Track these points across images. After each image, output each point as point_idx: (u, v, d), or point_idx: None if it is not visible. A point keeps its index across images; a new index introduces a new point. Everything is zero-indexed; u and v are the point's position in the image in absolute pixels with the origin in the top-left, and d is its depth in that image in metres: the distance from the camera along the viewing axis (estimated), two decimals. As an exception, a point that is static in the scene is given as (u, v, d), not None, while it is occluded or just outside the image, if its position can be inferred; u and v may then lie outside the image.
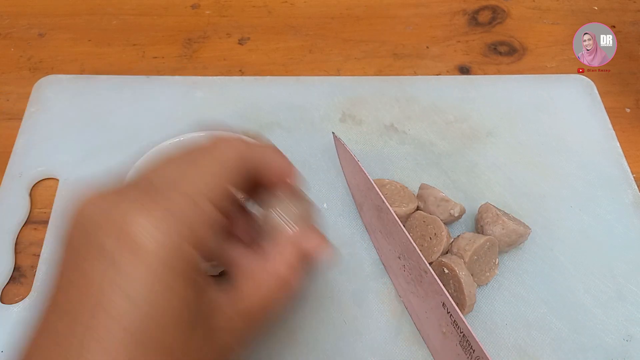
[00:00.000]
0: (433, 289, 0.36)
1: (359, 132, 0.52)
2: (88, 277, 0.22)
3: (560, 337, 0.41)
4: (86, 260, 0.23)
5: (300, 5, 0.65)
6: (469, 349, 0.33)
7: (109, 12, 0.63)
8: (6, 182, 0.48)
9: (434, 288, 0.36)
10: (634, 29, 0.63)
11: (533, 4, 0.66)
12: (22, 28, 0.62)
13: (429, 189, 0.44)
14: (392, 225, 0.39)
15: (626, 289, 0.43)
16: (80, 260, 0.23)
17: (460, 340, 0.34)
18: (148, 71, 0.58)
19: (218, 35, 0.62)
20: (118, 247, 0.22)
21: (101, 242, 0.22)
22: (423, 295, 0.38)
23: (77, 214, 0.24)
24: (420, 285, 0.37)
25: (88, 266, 0.22)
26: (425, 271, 0.36)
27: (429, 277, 0.36)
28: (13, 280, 0.44)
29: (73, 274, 0.23)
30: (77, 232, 0.24)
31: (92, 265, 0.22)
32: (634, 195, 0.48)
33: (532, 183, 0.49)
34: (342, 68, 0.59)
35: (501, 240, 0.42)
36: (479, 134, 0.53)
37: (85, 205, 0.24)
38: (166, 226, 0.23)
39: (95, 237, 0.23)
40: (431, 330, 0.38)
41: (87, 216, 0.24)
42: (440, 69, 0.59)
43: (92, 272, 0.22)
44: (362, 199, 0.45)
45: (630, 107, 0.56)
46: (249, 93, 0.55)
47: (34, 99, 0.54)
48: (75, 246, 0.24)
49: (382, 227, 0.41)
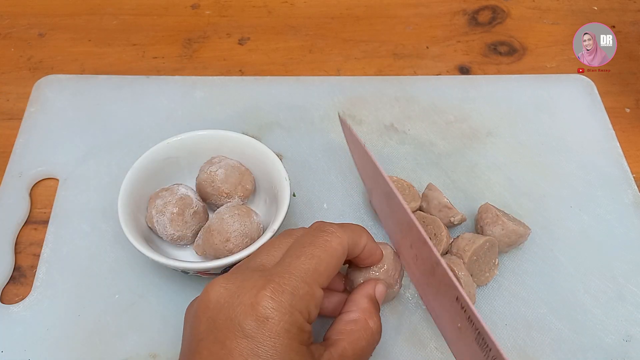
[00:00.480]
0: (445, 282, 0.35)
1: (359, 132, 0.52)
2: (229, 349, 0.28)
3: (560, 338, 0.41)
4: (227, 338, 0.28)
5: (300, 5, 0.65)
6: (485, 347, 0.33)
7: (109, 12, 0.63)
8: (6, 182, 0.48)
9: (446, 281, 0.35)
10: (634, 29, 0.63)
11: (533, 4, 0.66)
12: (22, 28, 0.62)
13: (435, 191, 0.44)
14: (402, 214, 0.38)
15: (626, 289, 0.43)
16: (222, 337, 0.29)
17: (476, 337, 0.34)
18: (148, 71, 0.58)
19: (218, 35, 0.62)
20: (256, 327, 0.28)
21: (240, 322, 0.29)
22: (437, 286, 0.37)
23: (209, 297, 0.30)
24: (433, 277, 0.37)
25: (230, 343, 0.28)
26: (437, 263, 0.35)
27: (441, 270, 0.35)
28: (13, 280, 0.44)
29: (214, 346, 0.29)
30: (212, 313, 0.30)
31: (234, 342, 0.28)
32: (634, 195, 0.48)
33: (532, 183, 0.49)
34: (342, 68, 0.59)
35: (501, 240, 0.42)
36: (479, 134, 0.53)
37: (216, 289, 0.31)
38: (289, 307, 0.29)
39: (234, 318, 0.29)
40: (447, 323, 0.37)
41: (221, 299, 0.30)
42: (440, 69, 0.59)
43: (234, 346, 0.28)
44: (372, 184, 0.44)
45: (630, 107, 0.56)
46: (249, 93, 0.55)
47: (33, 99, 0.54)
48: (212, 325, 0.29)
49: (392, 214, 0.41)
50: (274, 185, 0.43)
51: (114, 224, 0.45)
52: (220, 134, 0.45)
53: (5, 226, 0.46)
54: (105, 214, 0.46)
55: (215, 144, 0.45)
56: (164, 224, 0.41)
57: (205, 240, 0.41)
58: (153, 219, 0.41)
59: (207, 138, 0.45)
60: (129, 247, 0.44)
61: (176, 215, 0.41)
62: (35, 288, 0.42)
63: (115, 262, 0.44)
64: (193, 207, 0.42)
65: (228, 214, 0.40)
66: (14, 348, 0.40)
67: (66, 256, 0.44)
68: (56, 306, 0.42)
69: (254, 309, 0.29)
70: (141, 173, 0.43)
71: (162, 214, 0.41)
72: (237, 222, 0.40)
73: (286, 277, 0.30)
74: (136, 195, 0.42)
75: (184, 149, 0.45)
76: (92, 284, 0.43)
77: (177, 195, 0.42)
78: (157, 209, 0.41)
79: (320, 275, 0.31)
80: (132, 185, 0.42)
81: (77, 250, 0.44)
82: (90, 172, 0.49)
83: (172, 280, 0.43)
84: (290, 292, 0.29)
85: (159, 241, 0.44)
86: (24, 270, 0.44)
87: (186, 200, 0.42)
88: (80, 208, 0.46)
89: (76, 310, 0.41)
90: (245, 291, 0.29)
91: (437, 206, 0.44)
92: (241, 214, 0.41)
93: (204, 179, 0.43)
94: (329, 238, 0.33)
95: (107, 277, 0.43)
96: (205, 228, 0.41)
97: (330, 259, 0.32)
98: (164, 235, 0.42)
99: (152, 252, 0.39)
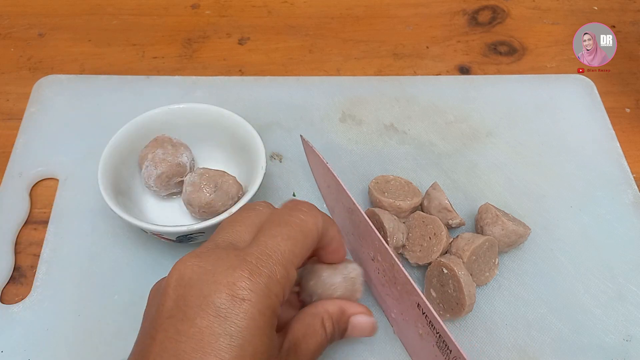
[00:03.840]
0: (407, 289, 0.35)
1: (359, 132, 0.52)
2: (200, 327, 0.27)
3: (560, 337, 0.41)
4: (198, 315, 0.27)
5: (300, 5, 0.65)
6: (445, 349, 0.33)
7: (109, 12, 0.63)
8: (6, 182, 0.48)
9: (408, 288, 0.35)
10: (634, 29, 0.63)
11: (533, 4, 0.66)
12: (22, 28, 0.62)
13: (438, 191, 0.44)
14: (364, 226, 0.38)
15: (626, 289, 0.43)
16: (192, 314, 0.27)
17: (437, 341, 0.34)
18: (148, 71, 0.58)
19: (218, 35, 0.62)
20: (231, 307, 0.27)
21: (214, 301, 0.27)
22: (398, 296, 0.37)
23: (182, 273, 0.29)
24: (395, 287, 0.37)
25: (200, 321, 0.27)
26: (393, 265, 0.35)
27: (402, 277, 0.35)
28: (13, 280, 0.44)
29: (182, 324, 0.28)
30: (183, 290, 0.29)
31: (204, 320, 0.27)
32: (634, 195, 0.48)
33: (532, 183, 0.49)
34: (342, 68, 0.59)
35: (501, 241, 0.42)
36: (479, 134, 0.53)
37: (188, 266, 0.29)
38: (266, 289, 0.28)
39: (208, 296, 0.28)
40: (409, 332, 0.38)
41: (194, 276, 0.29)
42: (440, 69, 0.59)
43: (205, 324, 0.27)
44: (334, 202, 0.44)
45: (630, 107, 0.56)
46: (249, 93, 0.55)
47: (33, 99, 0.54)
48: (182, 302, 0.28)
49: (354, 230, 0.41)
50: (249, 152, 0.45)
51: (114, 224, 0.45)
52: (214, 110, 0.47)
53: (5, 226, 0.46)
54: (105, 214, 0.46)
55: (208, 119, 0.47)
56: (150, 175, 0.43)
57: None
58: (144, 163, 0.43)
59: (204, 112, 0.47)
60: (129, 247, 0.44)
61: (165, 177, 0.43)
62: (35, 288, 0.42)
63: (115, 262, 0.44)
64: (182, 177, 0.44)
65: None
66: (14, 348, 0.40)
67: (66, 256, 0.44)
68: (56, 306, 0.42)
69: (231, 289, 0.28)
70: (125, 142, 0.45)
71: (154, 167, 0.43)
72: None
73: (264, 259, 0.29)
74: (118, 160, 0.44)
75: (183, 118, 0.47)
76: (92, 284, 0.43)
77: (176, 161, 0.43)
78: (153, 160, 0.43)
79: (295, 256, 0.30)
80: (117, 147, 0.44)
81: (77, 250, 0.44)
82: (90, 172, 0.48)
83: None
84: (267, 274, 0.29)
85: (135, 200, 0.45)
86: (24, 270, 0.44)
87: (180, 169, 0.44)
88: (80, 208, 0.46)
89: (76, 310, 0.41)
90: (221, 270, 0.29)
91: (437, 207, 0.44)
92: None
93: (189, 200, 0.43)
94: (304, 217, 0.32)
95: (107, 277, 0.43)
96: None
97: (305, 240, 0.31)
98: (144, 178, 0.44)
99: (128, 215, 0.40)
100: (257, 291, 0.28)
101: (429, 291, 0.41)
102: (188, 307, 0.28)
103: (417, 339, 0.36)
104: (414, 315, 0.36)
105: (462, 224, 0.44)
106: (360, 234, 0.40)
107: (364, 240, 0.39)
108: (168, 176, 0.43)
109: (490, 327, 0.41)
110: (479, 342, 0.40)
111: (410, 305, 0.35)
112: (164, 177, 0.43)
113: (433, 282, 0.41)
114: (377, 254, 0.38)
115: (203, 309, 0.27)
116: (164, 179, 0.43)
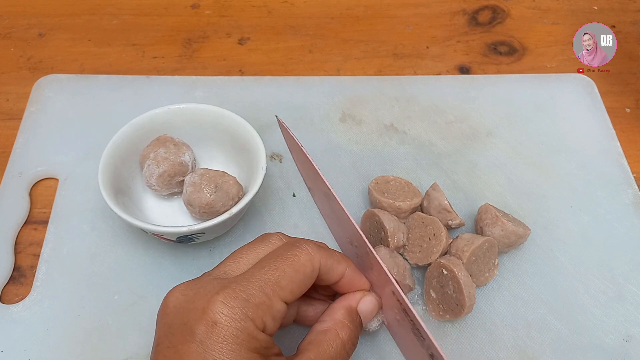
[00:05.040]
0: (382, 278, 0.35)
1: (359, 132, 0.52)
2: (181, 354, 0.28)
3: (560, 338, 0.41)
4: (180, 342, 0.29)
5: (300, 5, 0.65)
6: (419, 337, 0.33)
7: (109, 12, 0.63)
8: (6, 182, 0.48)
9: (382, 277, 0.35)
10: (634, 29, 0.63)
11: (533, 4, 0.66)
12: (22, 28, 0.62)
13: (438, 192, 0.44)
14: (340, 211, 0.38)
15: (626, 289, 0.43)
16: (175, 342, 0.29)
17: (412, 328, 0.34)
18: (148, 71, 0.58)
19: (218, 35, 0.62)
20: (206, 332, 0.28)
21: (192, 327, 0.29)
22: (377, 283, 0.37)
23: (168, 302, 0.31)
24: (372, 272, 0.37)
25: (181, 347, 0.28)
26: (368, 253, 0.35)
27: (377, 265, 0.35)
28: (13, 280, 0.44)
29: (168, 351, 0.29)
30: (169, 318, 0.30)
31: (185, 346, 0.28)
32: (634, 195, 0.48)
33: (532, 183, 0.49)
34: (342, 68, 0.59)
35: (500, 241, 0.42)
36: (479, 134, 0.53)
37: (174, 294, 0.31)
38: (240, 313, 0.29)
39: (187, 323, 0.29)
40: (391, 319, 0.38)
41: (177, 304, 0.30)
42: (440, 69, 0.59)
43: (185, 350, 0.28)
44: (311, 183, 0.44)
45: (630, 107, 0.56)
46: (249, 93, 0.55)
47: (33, 99, 0.54)
48: (168, 330, 0.30)
49: (331, 213, 0.41)
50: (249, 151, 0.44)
51: (114, 224, 0.45)
52: (216, 111, 0.47)
53: (5, 226, 0.46)
54: (105, 214, 0.46)
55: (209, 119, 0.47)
56: (152, 174, 0.43)
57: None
58: (146, 162, 0.43)
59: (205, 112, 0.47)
60: (129, 247, 0.44)
61: (167, 176, 0.43)
62: (35, 288, 0.42)
63: (115, 262, 0.44)
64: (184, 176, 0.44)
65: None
66: (14, 348, 0.40)
67: (66, 256, 0.44)
68: (56, 306, 0.42)
69: (205, 314, 0.29)
70: (126, 141, 0.45)
71: (156, 165, 0.43)
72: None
73: (244, 284, 0.30)
74: (118, 159, 0.44)
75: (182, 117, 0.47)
76: (92, 284, 0.43)
77: (178, 160, 0.43)
78: (155, 159, 0.43)
79: (282, 288, 0.30)
80: (119, 146, 0.44)
81: (77, 250, 0.44)
82: (90, 172, 0.49)
83: (172, 280, 0.43)
84: (243, 298, 0.29)
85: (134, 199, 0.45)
86: (24, 270, 0.44)
87: (182, 168, 0.44)
88: (80, 208, 0.46)
89: (76, 310, 0.41)
90: (200, 297, 0.30)
91: (436, 207, 0.44)
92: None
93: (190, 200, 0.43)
94: (298, 253, 0.32)
95: (107, 277, 0.43)
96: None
97: (295, 274, 0.31)
98: (146, 177, 0.43)
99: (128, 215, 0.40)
100: (230, 315, 0.29)
101: (428, 292, 0.41)
102: (173, 335, 0.29)
103: (397, 326, 0.37)
104: (390, 302, 0.36)
105: (462, 225, 0.44)
106: (337, 218, 0.40)
107: (342, 226, 0.39)
108: (170, 175, 0.43)
109: (490, 327, 0.41)
110: (479, 343, 0.40)
111: (387, 294, 0.36)
112: (165, 175, 0.43)
113: (433, 283, 0.41)
114: (353, 239, 0.38)
115: (184, 335, 0.29)
116: (166, 177, 0.43)
